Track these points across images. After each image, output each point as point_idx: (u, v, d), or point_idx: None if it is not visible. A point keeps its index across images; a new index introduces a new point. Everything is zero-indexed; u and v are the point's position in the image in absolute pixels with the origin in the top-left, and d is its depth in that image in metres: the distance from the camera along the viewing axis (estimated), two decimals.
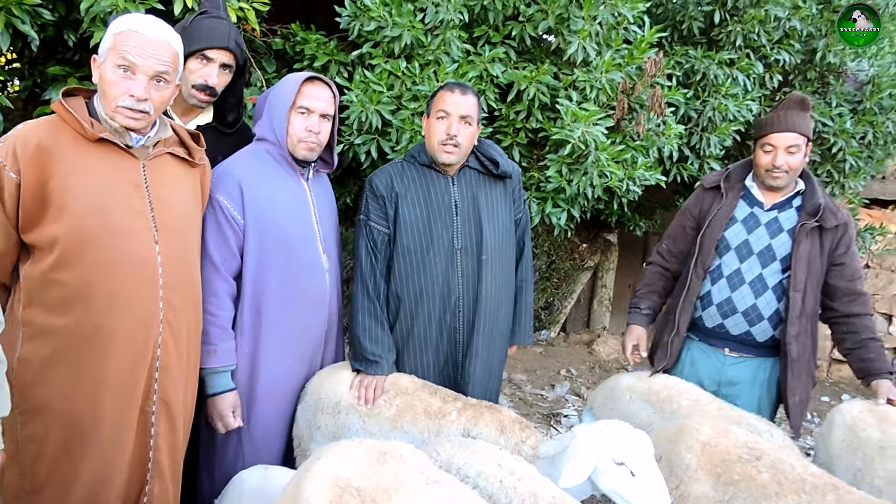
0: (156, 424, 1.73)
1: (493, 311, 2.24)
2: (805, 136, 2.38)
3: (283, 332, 2.03)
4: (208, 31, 2.03)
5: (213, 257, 1.92)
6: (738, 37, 3.55)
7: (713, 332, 2.50)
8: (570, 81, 2.97)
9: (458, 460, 1.49)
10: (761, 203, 2.47)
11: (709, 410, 2.07)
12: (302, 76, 2.03)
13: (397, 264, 2.18)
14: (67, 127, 1.60)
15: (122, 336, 1.63)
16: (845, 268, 2.40)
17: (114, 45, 1.58)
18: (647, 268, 2.80)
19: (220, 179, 1.96)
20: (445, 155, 2.14)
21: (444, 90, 2.17)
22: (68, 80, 2.39)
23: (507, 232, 2.29)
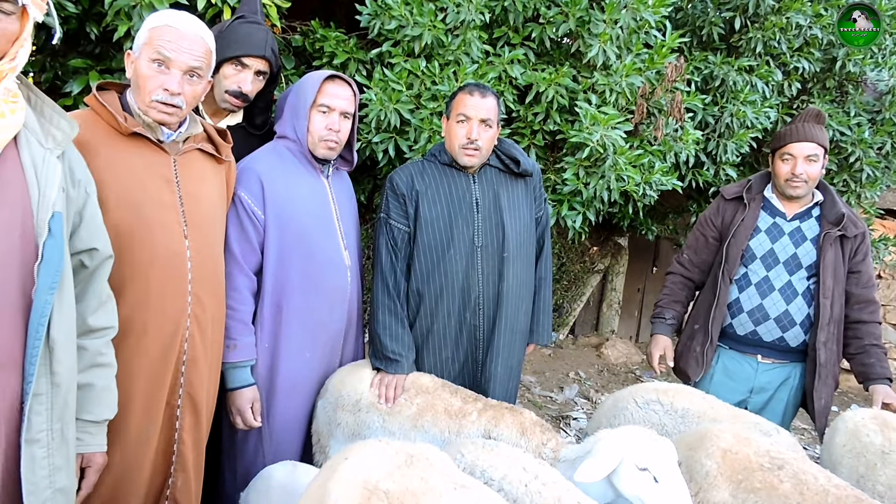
0: (181, 418, 1.74)
1: (514, 309, 2.23)
2: (822, 147, 2.45)
3: (303, 327, 2.03)
4: (245, 36, 2.04)
5: (235, 252, 1.93)
6: (759, 44, 3.53)
7: (745, 339, 2.53)
8: (589, 84, 2.96)
9: (483, 463, 1.48)
10: (783, 213, 2.53)
11: (718, 409, 2.07)
12: (323, 74, 2.03)
13: (418, 262, 2.17)
14: (101, 121, 1.62)
15: (152, 330, 1.64)
16: (861, 275, 2.48)
17: (149, 39, 1.60)
18: (668, 277, 2.80)
19: (242, 175, 1.97)
20: (467, 158, 2.15)
21: (463, 93, 2.16)
22: (90, 73, 2.40)
23: (529, 230, 2.29)
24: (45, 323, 1.23)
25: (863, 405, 6.25)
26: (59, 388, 1.27)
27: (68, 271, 1.31)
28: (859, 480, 1.96)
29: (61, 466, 1.28)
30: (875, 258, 4.98)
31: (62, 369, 1.27)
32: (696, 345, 2.57)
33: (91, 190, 1.42)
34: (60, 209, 1.27)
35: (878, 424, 2.03)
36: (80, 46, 2.57)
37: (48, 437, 1.25)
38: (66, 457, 1.30)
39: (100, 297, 1.44)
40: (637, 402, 2.17)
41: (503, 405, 1.94)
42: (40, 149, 1.27)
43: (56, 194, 1.26)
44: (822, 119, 2.50)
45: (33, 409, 1.23)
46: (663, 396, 2.13)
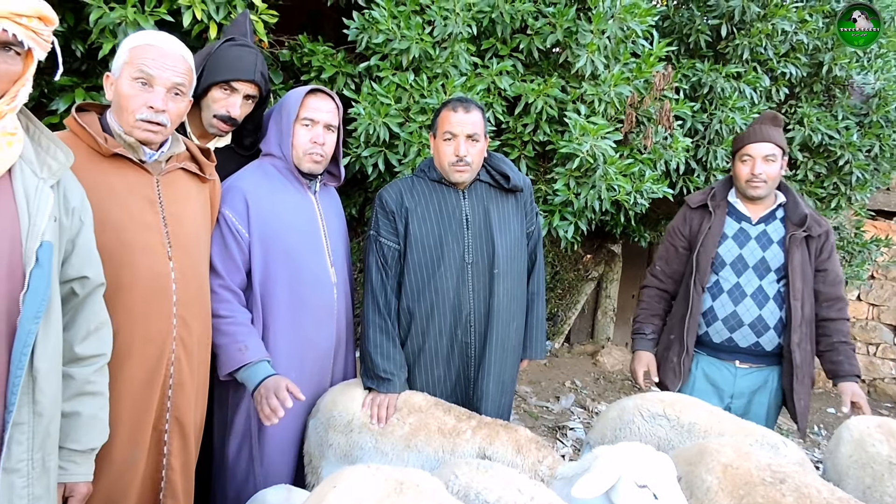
0: (169, 443, 1.71)
1: (505, 326, 2.21)
2: (780, 148, 2.50)
3: (290, 345, 2.01)
4: (235, 60, 2.02)
5: (219, 270, 1.91)
6: (745, 50, 3.55)
7: (721, 346, 2.54)
8: (578, 95, 2.96)
9: (478, 485, 1.46)
10: (748, 217, 2.56)
11: (724, 422, 2.04)
12: (304, 89, 2.03)
13: (408, 279, 2.15)
14: (81, 142, 1.60)
15: (137, 353, 1.61)
16: (828, 273, 2.52)
17: (130, 59, 1.59)
18: (643, 291, 2.80)
19: (226, 193, 1.95)
20: (458, 175, 2.13)
21: (447, 109, 2.14)
22: (75, 91, 2.39)
23: (519, 245, 2.27)
24: (28, 352, 1.21)
25: None
26: (41, 418, 1.25)
27: (56, 301, 1.30)
28: (865, 492, 1.94)
29: (41, 496, 1.27)
30: (867, 259, 5.01)
31: (45, 399, 1.26)
32: (673, 355, 2.57)
33: (86, 218, 1.41)
34: (50, 238, 1.26)
35: (884, 433, 2.01)
36: (65, 64, 2.54)
37: (28, 466, 1.23)
38: (46, 486, 1.29)
39: (89, 325, 1.42)
40: (643, 415, 2.13)
41: (497, 423, 1.92)
42: (34, 178, 1.26)
43: (46, 224, 1.26)
44: (779, 122, 2.55)
45: (14, 439, 1.21)
46: (669, 410, 2.09)
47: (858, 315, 6.51)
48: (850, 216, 4.93)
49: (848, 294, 6.39)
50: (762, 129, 2.52)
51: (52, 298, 1.28)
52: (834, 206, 4.14)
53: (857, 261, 4.91)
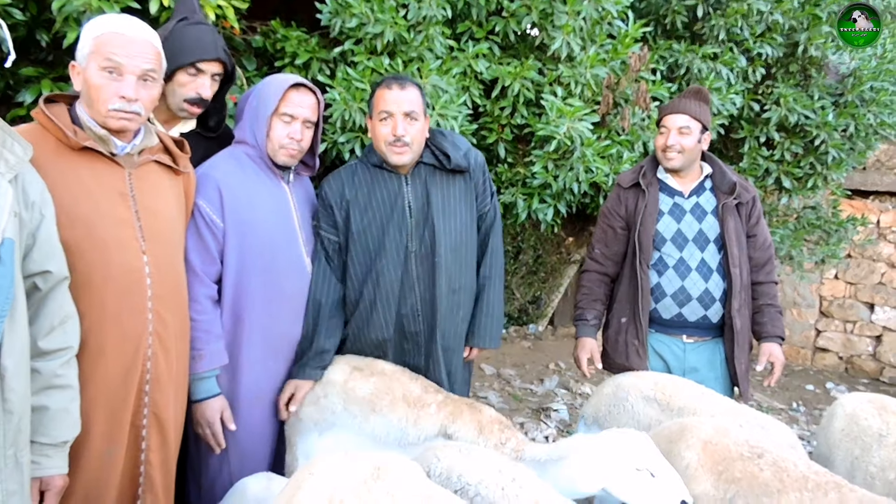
0: (147, 438, 1.69)
1: (450, 315, 2.13)
2: (699, 122, 2.50)
3: (265, 336, 1.99)
4: (196, 41, 1.96)
5: (192, 261, 1.87)
6: (721, 31, 3.55)
7: (671, 322, 2.56)
8: (554, 77, 2.95)
9: (459, 467, 1.47)
10: (681, 192, 2.59)
11: (716, 404, 2.06)
12: (287, 81, 1.97)
13: (351, 270, 2.10)
14: (49, 135, 1.55)
15: (111, 350, 1.58)
16: (757, 238, 2.57)
17: (95, 48, 1.53)
18: (583, 276, 2.77)
19: (199, 182, 1.91)
20: (397, 157, 2.02)
21: (381, 88, 2.04)
22: (42, 82, 2.33)
23: (467, 231, 2.15)
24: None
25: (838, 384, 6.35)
26: (11, 415, 1.24)
27: (20, 297, 1.28)
28: (853, 462, 1.98)
29: (15, 491, 1.26)
30: (844, 238, 5.08)
31: (14, 396, 1.24)
32: (632, 338, 2.56)
33: (47, 212, 1.38)
34: (11, 235, 1.23)
35: (877, 408, 2.05)
36: (30, 54, 2.49)
37: (1, 462, 1.22)
38: (20, 482, 1.28)
39: (53, 319, 1.39)
40: (636, 396, 2.15)
41: (464, 401, 1.89)
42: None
43: (6, 220, 1.22)
44: (703, 96, 2.54)
45: None
46: (660, 393, 2.12)
47: (836, 293, 6.62)
48: (827, 195, 4.99)
49: (825, 272, 6.49)
50: (680, 102, 2.53)
51: (17, 295, 1.25)
52: (811, 185, 4.19)
53: (834, 240, 4.97)
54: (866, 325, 6.50)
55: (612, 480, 1.54)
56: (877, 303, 6.43)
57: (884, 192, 6.30)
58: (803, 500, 1.51)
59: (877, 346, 6.48)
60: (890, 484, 1.86)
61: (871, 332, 6.49)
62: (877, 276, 6.42)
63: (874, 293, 6.44)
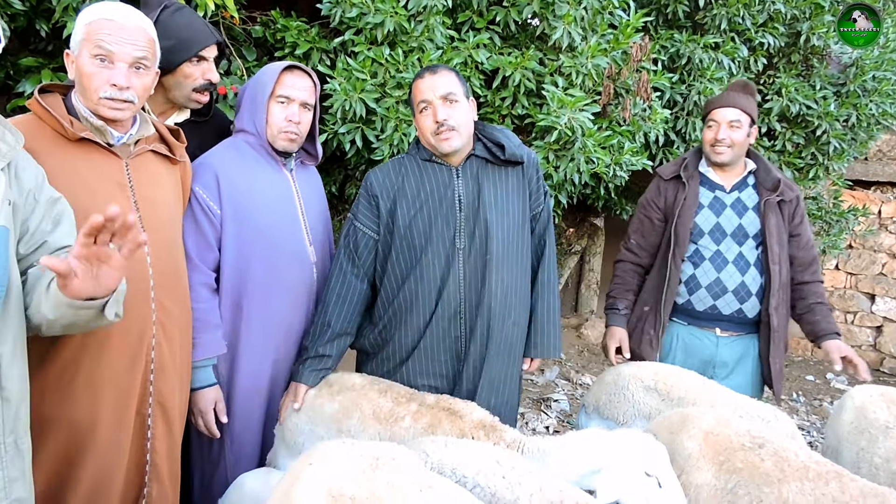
0: (153, 427, 1.70)
1: (498, 319, 1.99)
2: (748, 115, 2.51)
3: (265, 326, 1.97)
4: (192, 30, 1.95)
5: (189, 249, 1.86)
6: (723, 20, 3.53)
7: (704, 314, 2.54)
8: (555, 67, 2.94)
9: (451, 461, 1.43)
10: (722, 186, 2.58)
11: (716, 395, 2.06)
12: (281, 65, 1.97)
13: (391, 267, 2.00)
14: (46, 126, 1.54)
15: (116, 339, 1.59)
16: (801, 238, 2.56)
17: (86, 35, 1.52)
18: (617, 266, 2.79)
19: (197, 170, 1.91)
20: (445, 143, 1.92)
21: (416, 80, 1.99)
22: (42, 72, 2.33)
23: (520, 228, 2.03)
24: None
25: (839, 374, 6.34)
26: (9, 403, 1.25)
27: (15, 283, 1.27)
28: (859, 453, 1.99)
29: (16, 478, 1.26)
30: (845, 229, 5.07)
31: (10, 384, 1.25)
32: (649, 327, 2.58)
33: (41, 197, 1.37)
34: (4, 223, 1.23)
35: (886, 401, 2.06)
36: (31, 44, 2.49)
37: (1, 450, 1.23)
38: (21, 469, 1.28)
39: None
40: (637, 385, 2.16)
41: (440, 405, 1.76)
42: None
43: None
44: (750, 90, 2.54)
45: None
46: (661, 383, 2.12)
47: (836, 284, 6.62)
48: (828, 186, 4.98)
49: (826, 263, 6.49)
50: (729, 95, 2.53)
51: (12, 281, 1.25)
52: (812, 175, 4.18)
53: (835, 230, 4.97)
54: (867, 315, 6.51)
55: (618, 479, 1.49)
56: (877, 293, 6.44)
57: (885, 182, 6.29)
58: (804, 489, 1.51)
59: (877, 336, 6.49)
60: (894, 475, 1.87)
61: (872, 323, 6.50)
62: (878, 266, 6.42)
63: (875, 284, 6.44)
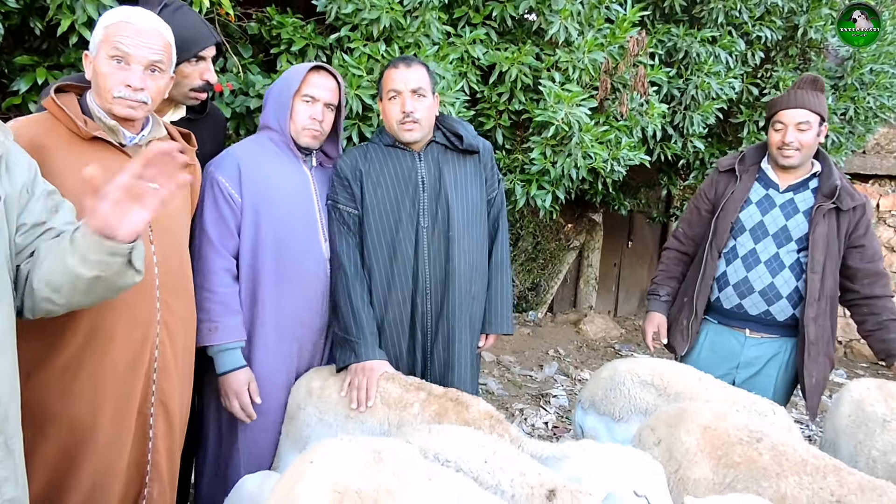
0: (154, 427, 1.70)
1: (462, 293, 2.12)
2: (818, 115, 2.37)
3: (277, 318, 1.98)
4: (191, 30, 1.94)
5: (210, 235, 1.89)
6: (720, 14, 3.53)
7: (731, 313, 2.50)
8: (552, 62, 2.93)
9: (434, 447, 1.43)
10: (776, 185, 2.47)
11: (713, 391, 2.06)
12: (308, 65, 2.01)
13: (367, 248, 2.09)
14: (60, 125, 1.56)
15: (120, 337, 1.59)
16: (865, 250, 2.40)
17: (105, 37, 1.54)
18: (663, 253, 2.78)
19: (221, 160, 1.95)
20: (407, 133, 2.05)
21: (388, 68, 2.08)
22: (36, 70, 2.32)
23: (478, 210, 2.17)
24: None
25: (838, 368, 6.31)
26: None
27: (3, 282, 1.26)
28: (857, 447, 1.99)
29: (7, 477, 1.26)
30: None
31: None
32: (683, 318, 2.56)
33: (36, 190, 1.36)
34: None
35: (884, 395, 2.05)
36: (25, 42, 2.48)
37: None
38: (12, 469, 1.27)
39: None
40: (633, 380, 2.15)
41: (448, 396, 1.80)
42: None
43: None
44: (819, 85, 2.40)
45: None
46: (658, 379, 2.12)
47: None
48: None
49: None
50: (797, 94, 2.38)
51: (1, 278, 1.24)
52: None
53: None
54: None
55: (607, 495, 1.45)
56: None
57: (883, 175, 6.29)
58: (802, 483, 1.51)
59: None
60: (892, 468, 1.87)
61: None
62: None
63: None
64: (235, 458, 2.01)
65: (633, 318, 6.77)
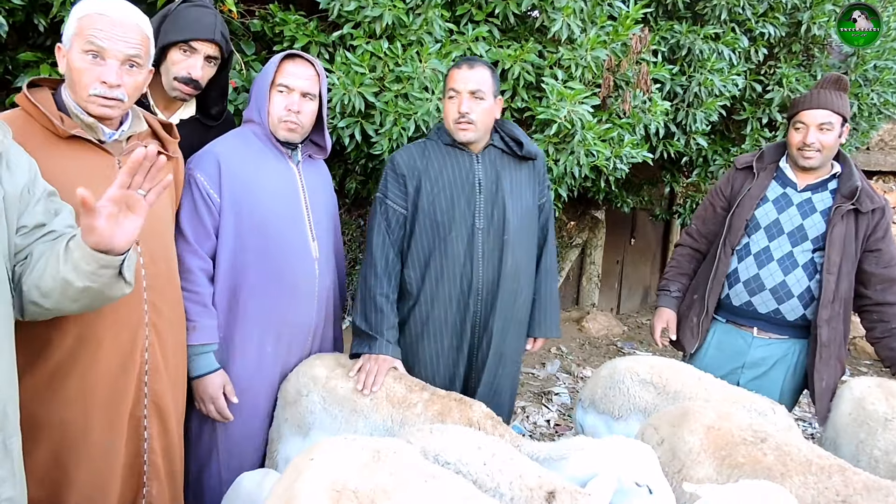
0: (148, 428, 1.69)
1: (511, 296, 2.15)
2: (839, 115, 2.34)
3: (261, 320, 1.95)
4: (194, 21, 1.95)
5: (187, 234, 1.85)
6: (723, 10, 3.52)
7: (740, 310, 2.48)
8: (554, 59, 2.93)
9: (435, 447, 1.44)
10: (794, 184, 2.45)
11: (712, 390, 2.05)
12: (282, 54, 1.96)
13: (418, 243, 2.10)
14: (35, 123, 1.51)
15: (108, 343, 1.58)
16: (882, 254, 2.36)
17: (78, 30, 1.48)
18: (676, 249, 2.78)
19: (200, 157, 1.90)
20: (462, 133, 2.08)
21: (453, 68, 2.12)
22: (40, 66, 2.32)
23: (531, 215, 2.21)
24: None
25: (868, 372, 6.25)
26: None
27: (1, 277, 1.26)
28: (858, 445, 1.99)
29: (5, 478, 1.26)
30: None
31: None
32: (693, 315, 2.54)
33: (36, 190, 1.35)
34: None
35: (884, 393, 2.05)
36: (29, 39, 2.48)
37: None
38: (10, 469, 1.28)
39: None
40: (632, 379, 2.15)
41: (451, 396, 1.84)
42: None
43: None
44: (843, 85, 2.36)
45: None
46: (657, 377, 2.12)
47: None
48: None
49: None
50: (819, 95, 2.35)
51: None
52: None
53: None
54: None
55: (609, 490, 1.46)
56: None
57: (888, 171, 6.27)
58: (807, 483, 1.50)
59: None
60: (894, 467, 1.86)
61: None
62: None
63: None
64: (213, 463, 1.99)
65: (635, 315, 6.77)
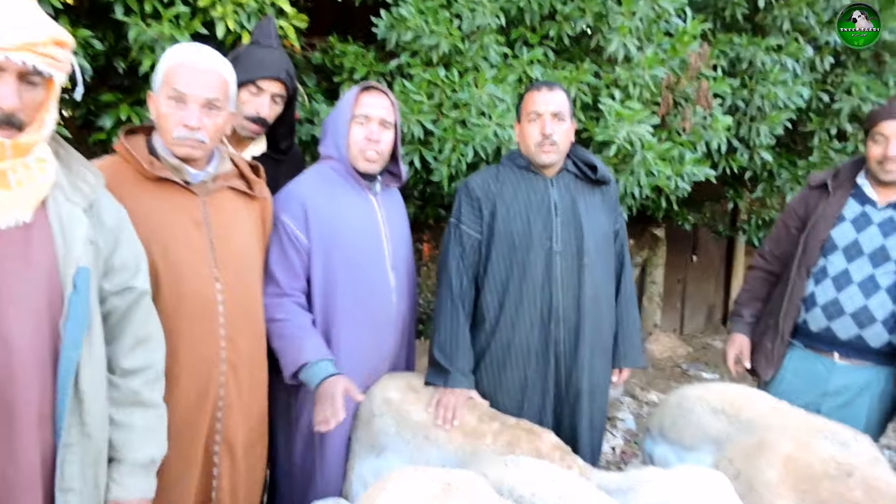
0: (219, 465, 1.73)
1: (595, 321, 2.10)
2: None
3: (353, 356, 1.96)
4: (259, 61, 2.04)
5: (277, 277, 1.88)
6: (785, 21, 3.43)
7: (819, 336, 2.33)
8: (611, 79, 2.91)
9: (510, 480, 1.42)
10: (874, 201, 2.29)
11: (788, 418, 1.92)
12: (359, 87, 2.01)
13: (495, 268, 2.07)
14: (129, 167, 1.62)
15: (184, 378, 1.62)
16: None
17: (165, 78, 1.61)
18: (749, 273, 2.67)
19: (285, 200, 1.93)
20: (544, 156, 2.06)
21: (531, 91, 2.11)
22: (120, 107, 2.47)
23: (607, 240, 2.18)
24: (71, 377, 1.25)
25: None
26: (90, 439, 1.30)
27: (97, 322, 1.33)
28: None
29: None
30: None
31: (92, 420, 1.30)
32: (767, 341, 2.41)
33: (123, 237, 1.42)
34: (86, 263, 1.28)
35: None
36: (109, 80, 2.64)
37: (81, 484, 1.29)
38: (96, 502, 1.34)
39: (136, 336, 1.44)
40: (703, 407, 2.04)
41: (521, 426, 1.82)
42: (67, 204, 1.29)
43: (81, 249, 1.28)
44: None
45: (66, 460, 1.26)
46: (728, 406, 2.00)
47: None
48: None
49: None
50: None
51: (93, 321, 1.30)
52: None
53: None
54: None
55: None
56: None
57: None
58: None
59: None
60: None
61: None
62: None
63: None
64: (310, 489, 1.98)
65: (700, 336, 6.55)
